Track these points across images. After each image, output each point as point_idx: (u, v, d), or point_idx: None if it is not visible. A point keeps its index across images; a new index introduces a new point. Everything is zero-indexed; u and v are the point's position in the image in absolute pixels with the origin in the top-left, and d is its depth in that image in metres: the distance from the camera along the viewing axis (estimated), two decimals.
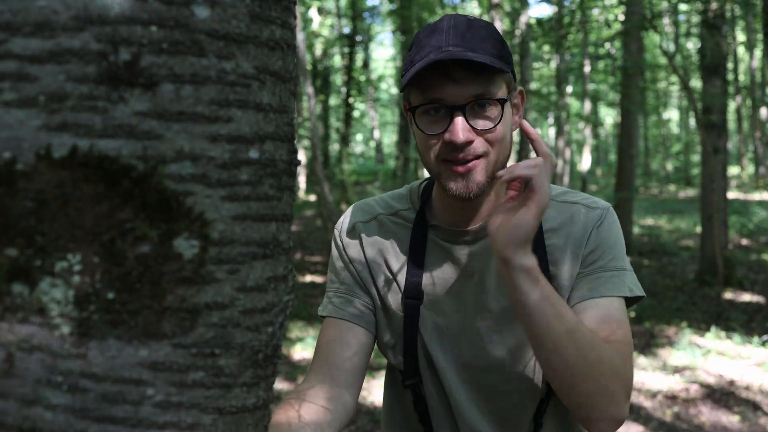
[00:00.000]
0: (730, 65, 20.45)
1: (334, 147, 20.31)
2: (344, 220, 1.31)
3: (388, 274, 1.25)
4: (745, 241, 11.36)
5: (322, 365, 1.17)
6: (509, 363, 1.21)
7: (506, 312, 1.21)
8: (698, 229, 11.32)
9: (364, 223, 1.29)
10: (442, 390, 1.24)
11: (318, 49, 15.68)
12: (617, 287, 1.16)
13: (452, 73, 1.08)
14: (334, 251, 1.31)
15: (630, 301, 1.19)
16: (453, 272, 1.23)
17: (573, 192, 1.27)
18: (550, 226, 1.22)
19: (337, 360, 1.17)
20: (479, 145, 1.11)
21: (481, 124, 1.11)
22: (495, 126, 1.11)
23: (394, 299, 1.25)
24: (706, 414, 4.41)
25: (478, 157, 1.11)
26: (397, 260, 1.25)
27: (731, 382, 4.91)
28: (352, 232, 1.29)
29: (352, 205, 1.34)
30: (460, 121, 1.09)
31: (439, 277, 1.23)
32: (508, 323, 1.21)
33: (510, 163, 1.19)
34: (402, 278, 1.24)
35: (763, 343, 5.76)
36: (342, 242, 1.29)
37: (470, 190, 1.12)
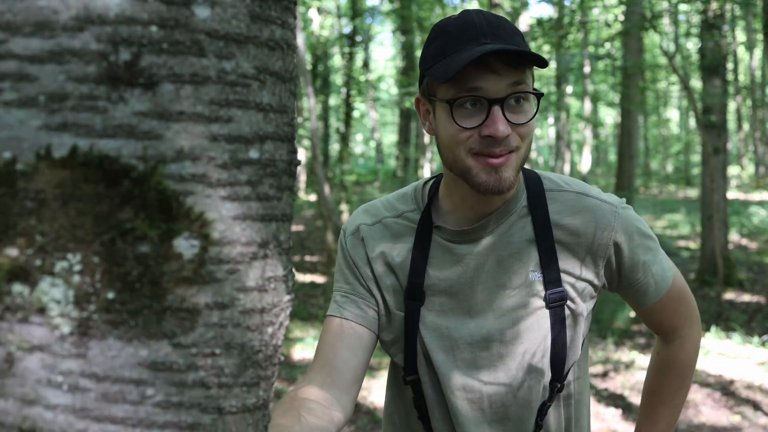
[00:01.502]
0: (730, 65, 20.44)
1: (334, 147, 20.30)
2: (350, 222, 1.32)
3: (391, 274, 1.25)
4: (745, 241, 11.36)
5: (323, 366, 1.17)
6: (512, 366, 1.21)
7: (510, 314, 1.21)
8: (698, 229, 11.32)
9: (369, 225, 1.29)
10: (440, 390, 1.24)
11: (318, 49, 15.68)
12: (667, 278, 1.27)
13: (491, 65, 1.08)
14: (340, 253, 1.31)
15: None
16: (456, 273, 1.22)
17: (587, 185, 1.27)
18: (566, 222, 1.21)
19: (337, 361, 1.17)
20: (513, 139, 1.11)
21: (516, 118, 1.11)
22: (530, 120, 1.12)
23: (396, 299, 1.25)
24: (706, 414, 4.41)
25: (510, 151, 1.11)
26: (400, 261, 1.25)
27: (731, 382, 4.91)
28: (356, 234, 1.29)
29: (359, 207, 1.35)
30: (499, 114, 1.09)
31: (441, 279, 1.23)
32: (512, 325, 1.21)
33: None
34: (404, 279, 1.24)
35: (763, 343, 5.76)
36: (347, 244, 1.29)
37: (502, 185, 1.12)
